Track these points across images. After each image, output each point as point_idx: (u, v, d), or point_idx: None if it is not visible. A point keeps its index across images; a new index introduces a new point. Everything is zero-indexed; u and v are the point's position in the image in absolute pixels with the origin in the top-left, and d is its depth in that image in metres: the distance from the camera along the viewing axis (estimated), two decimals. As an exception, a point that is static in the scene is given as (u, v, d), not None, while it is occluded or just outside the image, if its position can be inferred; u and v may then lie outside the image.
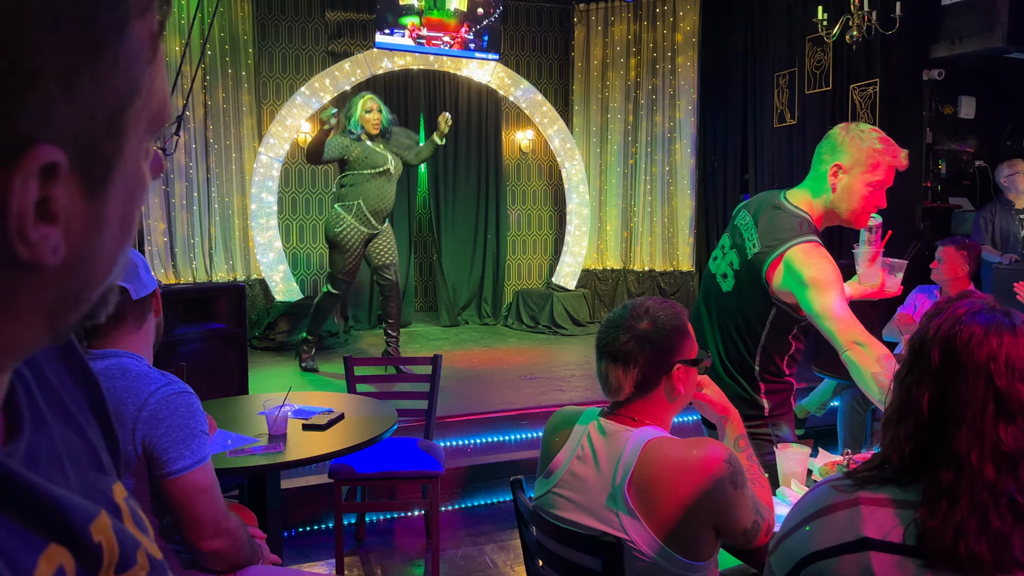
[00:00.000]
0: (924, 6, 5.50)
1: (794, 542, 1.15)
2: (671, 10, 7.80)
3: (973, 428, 1.04)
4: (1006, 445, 1.02)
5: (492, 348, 6.74)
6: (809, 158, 2.40)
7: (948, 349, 1.08)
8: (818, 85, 6.39)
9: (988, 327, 1.07)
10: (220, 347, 4.22)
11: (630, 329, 1.56)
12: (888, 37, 5.30)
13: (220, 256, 6.84)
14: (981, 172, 6.21)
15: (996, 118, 6.23)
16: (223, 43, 6.76)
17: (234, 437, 2.46)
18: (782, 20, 6.81)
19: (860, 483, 1.12)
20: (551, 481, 1.64)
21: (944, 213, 6.14)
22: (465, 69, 7.66)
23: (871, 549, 1.05)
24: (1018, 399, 1.03)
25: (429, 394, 3.45)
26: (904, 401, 1.11)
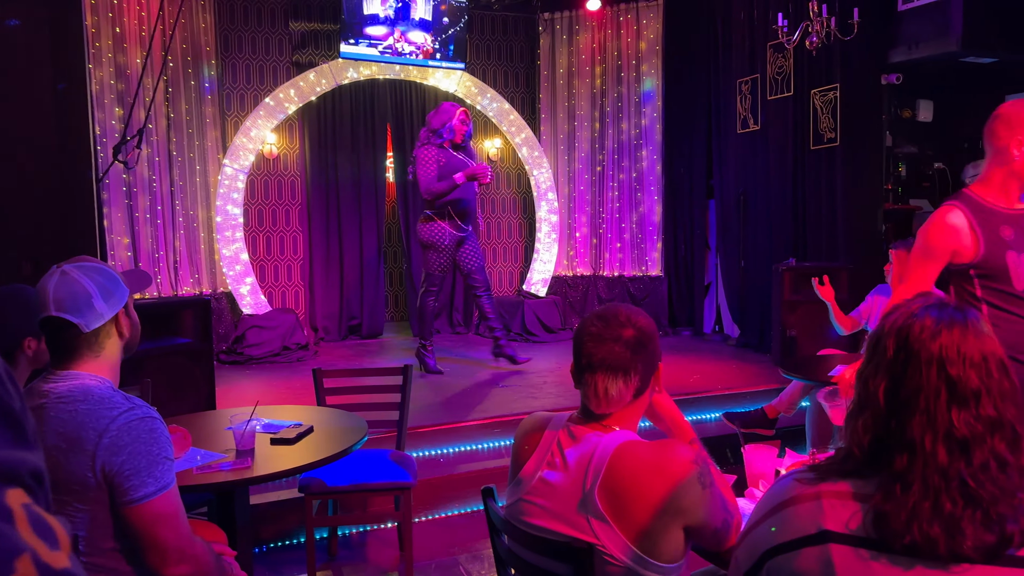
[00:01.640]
0: (881, 12, 5.61)
1: (758, 535, 1.16)
2: (635, 19, 7.87)
3: (926, 414, 1.06)
4: (958, 431, 1.05)
5: (463, 357, 6.72)
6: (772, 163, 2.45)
7: (902, 340, 1.11)
8: (780, 91, 6.49)
9: (940, 319, 1.10)
10: (186, 362, 4.16)
11: (620, 339, 1.56)
12: (847, 43, 5.40)
13: (186, 270, 6.75)
14: (940, 174, 6.34)
15: (953, 120, 6.37)
16: (185, 54, 6.69)
17: (202, 453, 2.42)
18: (744, 27, 6.90)
19: (822, 475, 1.14)
20: (522, 488, 1.63)
21: (905, 215, 6.26)
22: (431, 78, 7.66)
23: (831, 541, 1.07)
24: (970, 386, 1.06)
25: (400, 404, 3.43)
26: (862, 393, 1.14)
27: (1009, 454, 1.05)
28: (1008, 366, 1.09)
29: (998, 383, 1.07)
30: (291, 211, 7.60)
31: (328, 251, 7.58)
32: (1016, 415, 1.07)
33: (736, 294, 7.13)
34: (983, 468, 1.04)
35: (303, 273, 7.63)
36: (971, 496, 1.03)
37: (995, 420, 1.05)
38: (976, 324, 1.10)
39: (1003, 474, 1.04)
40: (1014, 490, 1.04)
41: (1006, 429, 1.06)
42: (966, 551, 1.01)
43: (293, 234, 7.61)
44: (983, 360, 1.07)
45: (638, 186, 7.96)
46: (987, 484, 1.03)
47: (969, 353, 1.07)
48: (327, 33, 7.48)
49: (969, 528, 1.01)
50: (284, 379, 5.85)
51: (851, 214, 5.94)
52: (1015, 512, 1.02)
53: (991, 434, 1.05)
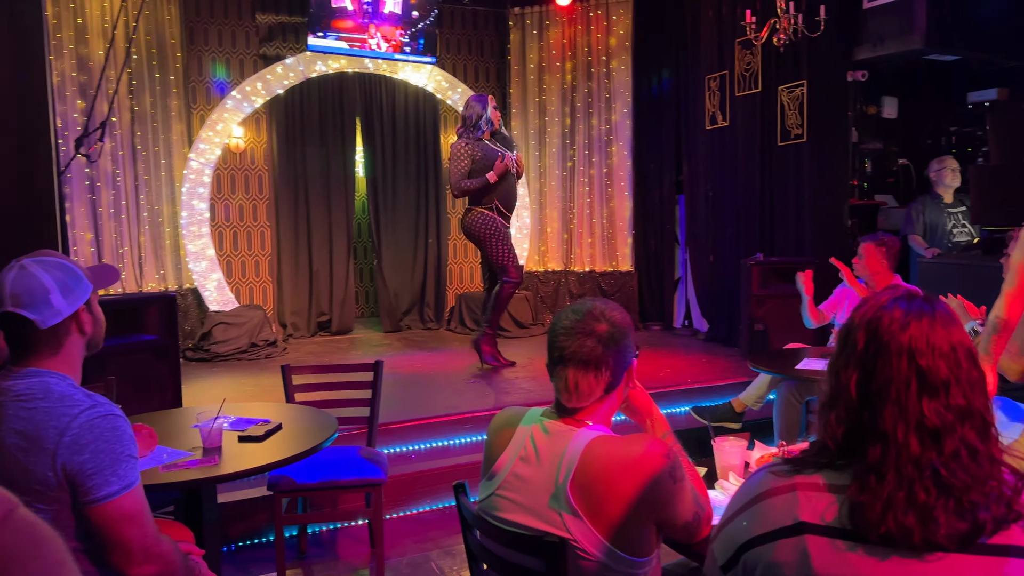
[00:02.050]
0: (847, 9, 5.68)
1: (734, 529, 1.17)
2: (604, 15, 7.89)
3: (898, 404, 1.08)
4: (929, 420, 1.06)
5: (435, 352, 6.70)
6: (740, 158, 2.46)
7: (872, 332, 1.12)
8: (748, 87, 6.54)
9: (909, 311, 1.12)
10: (151, 359, 4.10)
11: (591, 333, 1.56)
12: (814, 40, 5.46)
13: (150, 265, 6.64)
14: (904, 170, 6.44)
15: (917, 117, 6.47)
16: (149, 47, 6.57)
17: (168, 451, 2.39)
18: (712, 24, 6.95)
19: (797, 468, 1.15)
20: (494, 483, 1.63)
21: (870, 210, 6.35)
22: (401, 72, 7.61)
23: (807, 533, 1.08)
24: (940, 376, 1.08)
25: (371, 401, 3.41)
26: (834, 385, 1.15)
27: (979, 442, 1.07)
28: (976, 357, 1.11)
29: (967, 372, 1.09)
30: (258, 206, 7.50)
31: (297, 246, 7.51)
32: (984, 404, 1.09)
33: (705, 289, 7.18)
34: (955, 457, 1.05)
35: (271, 269, 7.54)
36: (944, 485, 1.04)
37: (965, 409, 1.07)
38: (944, 315, 1.12)
39: (974, 462, 1.06)
40: (985, 478, 1.05)
41: (976, 418, 1.08)
42: (940, 540, 1.03)
43: (261, 229, 7.52)
44: (952, 350, 1.09)
45: (608, 181, 7.99)
46: (959, 472, 1.04)
47: (938, 343, 1.09)
48: (295, 26, 7.39)
49: (943, 517, 1.03)
50: (252, 376, 5.79)
51: (818, 209, 6.01)
52: (987, 500, 1.04)
53: (961, 423, 1.07)
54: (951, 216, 5.59)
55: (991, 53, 5.53)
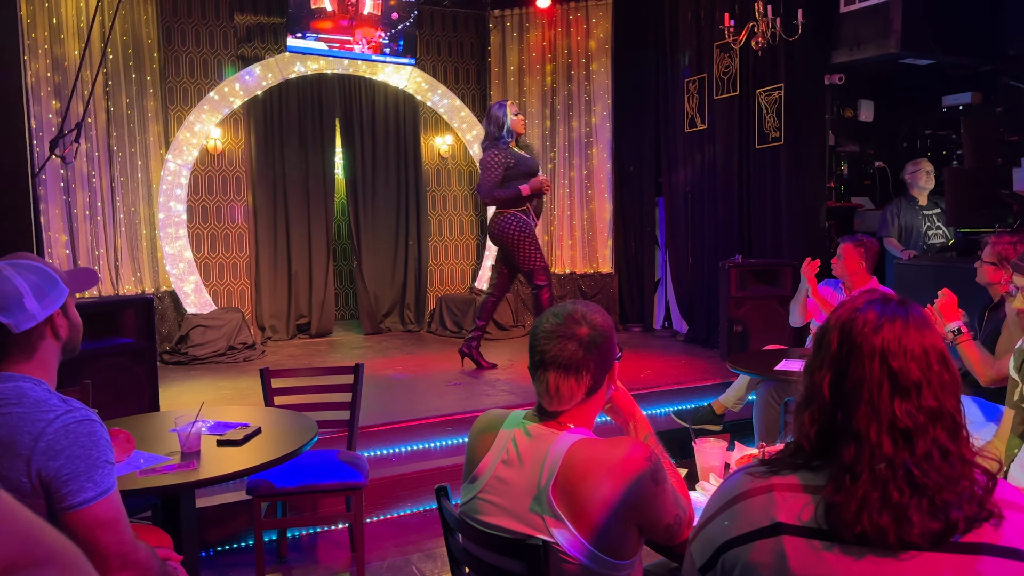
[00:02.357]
0: (824, 13, 5.74)
1: (712, 530, 1.18)
2: (584, 17, 7.91)
3: (870, 405, 1.10)
4: (901, 421, 1.08)
5: (416, 355, 6.68)
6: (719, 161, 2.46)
7: (845, 334, 1.14)
8: (726, 90, 6.59)
9: (882, 314, 1.14)
10: (128, 363, 4.05)
11: (573, 337, 1.56)
12: (791, 43, 5.51)
13: (127, 268, 6.56)
14: (880, 172, 6.51)
15: (893, 120, 6.55)
16: (126, 47, 6.50)
17: (145, 456, 2.36)
18: (691, 27, 6.99)
19: (774, 469, 1.16)
20: (476, 486, 1.63)
21: (847, 212, 6.42)
22: (381, 73, 7.59)
23: (784, 533, 1.09)
24: (911, 378, 1.10)
25: (351, 404, 3.39)
26: (808, 386, 1.17)
27: (951, 443, 1.09)
28: (948, 359, 1.12)
29: (938, 375, 1.10)
30: (236, 207, 7.45)
31: (275, 248, 7.46)
32: (956, 406, 1.11)
33: (685, 290, 7.22)
34: (927, 457, 1.07)
35: (249, 271, 7.49)
36: (917, 485, 1.06)
37: (936, 410, 1.09)
38: (917, 318, 1.14)
39: (946, 463, 1.07)
40: (957, 478, 1.07)
41: (947, 419, 1.09)
42: (914, 538, 1.04)
43: (239, 231, 7.47)
44: (924, 353, 1.11)
45: (589, 184, 8.01)
46: (931, 472, 1.06)
47: (910, 346, 1.10)
48: (273, 27, 7.35)
49: (916, 516, 1.04)
50: (230, 379, 5.74)
51: (795, 211, 6.06)
52: (959, 499, 1.05)
53: (933, 424, 1.08)
54: (926, 218, 5.65)
55: (965, 58, 5.61)
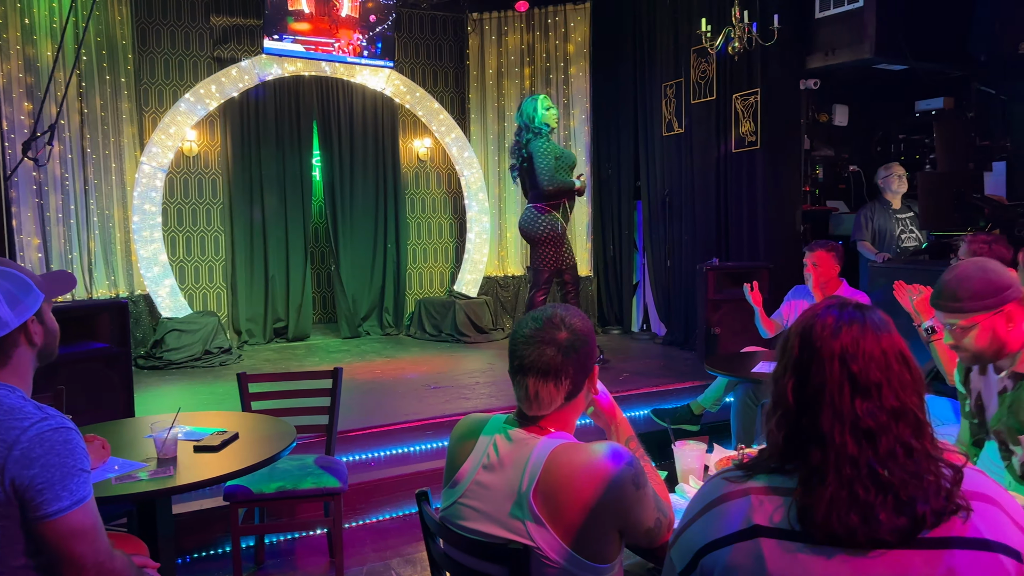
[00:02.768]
0: (800, 19, 5.80)
1: (691, 534, 1.20)
2: (562, 21, 7.94)
3: (833, 407, 1.12)
4: (863, 421, 1.11)
5: (395, 358, 6.65)
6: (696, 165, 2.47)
7: (806, 338, 1.18)
8: (703, 95, 6.63)
9: (841, 318, 1.17)
10: (102, 368, 4.00)
11: (552, 342, 1.56)
12: (767, 49, 5.56)
13: (101, 272, 6.48)
14: (855, 176, 6.59)
15: (867, 125, 6.64)
16: (99, 48, 6.42)
17: (120, 463, 2.33)
18: (668, 32, 7.04)
19: (750, 473, 1.18)
20: (457, 491, 1.62)
21: (822, 215, 6.49)
22: (359, 76, 7.56)
23: (761, 536, 1.11)
24: (871, 379, 1.13)
25: (330, 408, 3.37)
26: (774, 393, 1.20)
27: (915, 440, 1.11)
28: (909, 359, 1.16)
29: (898, 375, 1.14)
30: (212, 210, 7.38)
31: (252, 251, 7.40)
32: (918, 404, 1.14)
33: (663, 293, 7.26)
34: (891, 455, 1.10)
35: (225, 274, 7.42)
36: (882, 483, 1.08)
37: (898, 409, 1.12)
38: (874, 321, 1.17)
39: (911, 459, 1.10)
40: (923, 473, 1.10)
41: (909, 416, 1.12)
42: (883, 536, 1.07)
43: (215, 234, 7.40)
44: (882, 354, 1.14)
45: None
46: (896, 470, 1.09)
47: (868, 348, 1.14)
48: (250, 28, 7.30)
49: (883, 514, 1.07)
50: (206, 384, 5.68)
51: (771, 215, 6.11)
52: (925, 493, 1.08)
53: (896, 423, 1.11)
54: (899, 222, 5.73)
55: (937, 63, 5.69)
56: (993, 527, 1.08)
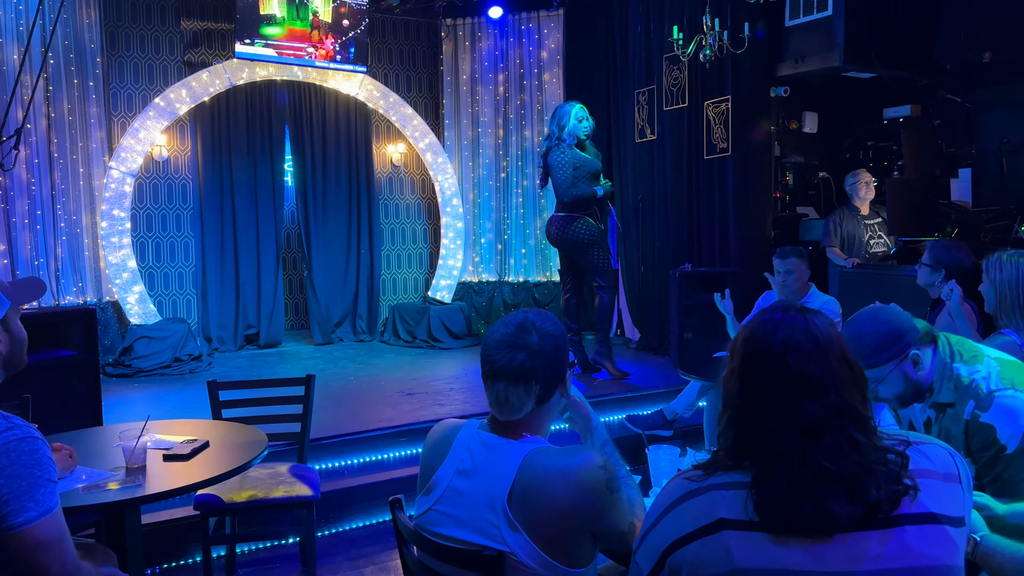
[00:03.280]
0: (770, 27, 5.87)
1: (656, 535, 1.22)
2: (536, 28, 7.97)
3: (777, 407, 1.17)
4: (807, 419, 1.15)
5: (368, 365, 6.61)
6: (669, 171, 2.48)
7: (750, 341, 1.23)
8: (675, 102, 6.69)
9: (783, 321, 1.22)
10: (69, 376, 3.93)
11: (524, 347, 1.56)
12: (738, 56, 5.62)
13: (68, 278, 6.37)
14: (824, 182, 6.68)
15: (836, 132, 6.72)
16: (67, 51, 6.33)
17: (88, 472, 2.29)
18: (641, 39, 7.08)
19: (708, 471, 1.23)
20: (432, 498, 1.61)
21: (792, 221, 6.56)
22: (332, 81, 7.52)
23: (726, 528, 1.15)
24: (813, 378, 1.17)
25: (302, 416, 3.34)
26: (724, 394, 1.25)
27: (859, 434, 1.16)
28: (851, 360, 1.21)
29: (839, 374, 1.18)
30: (182, 216, 7.30)
31: (223, 257, 7.32)
32: (860, 400, 1.19)
33: (636, 299, 7.29)
34: (836, 450, 1.14)
35: (195, 280, 7.33)
36: (829, 476, 1.13)
37: (840, 406, 1.16)
38: (816, 324, 1.22)
39: (857, 453, 1.15)
40: (872, 464, 1.14)
41: (852, 412, 1.17)
42: (840, 522, 1.11)
43: (185, 240, 7.31)
44: (823, 354, 1.18)
45: (542, 192, 8.05)
46: (842, 463, 1.13)
47: (808, 349, 1.18)
48: (221, 32, 7.24)
49: (836, 504, 1.11)
50: (176, 392, 5.61)
51: (743, 221, 6.17)
52: (877, 483, 1.13)
53: (839, 419, 1.16)
54: (868, 228, 5.80)
55: (905, 71, 5.79)
56: (938, 500, 1.15)
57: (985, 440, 1.85)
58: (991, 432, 1.84)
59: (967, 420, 1.89)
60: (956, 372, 1.94)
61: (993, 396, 1.87)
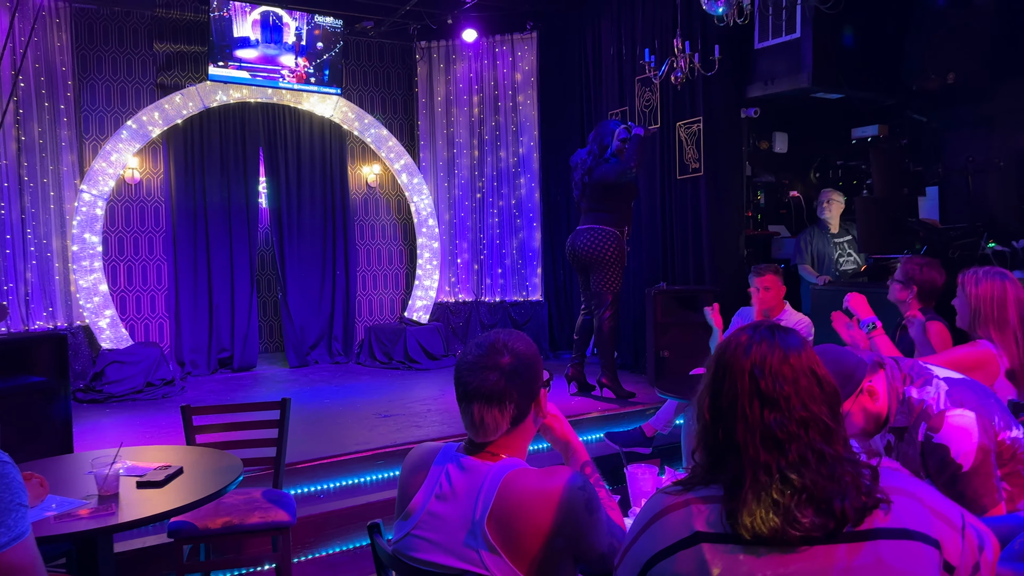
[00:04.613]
0: (740, 49, 5.97)
1: (637, 550, 1.25)
2: (510, 50, 8.04)
3: (744, 420, 1.20)
4: (772, 431, 1.18)
5: (344, 387, 6.56)
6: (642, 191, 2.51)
7: (720, 357, 1.26)
8: (648, 123, 6.76)
9: (752, 338, 1.25)
10: (40, 402, 3.86)
11: (496, 367, 1.56)
12: (709, 78, 5.71)
13: (38, 303, 6.28)
14: (795, 201, 6.78)
15: (806, 151, 6.84)
16: (38, 74, 6.28)
17: (59, 500, 2.25)
18: (613, 62, 7.17)
19: (686, 486, 1.25)
20: (410, 522, 1.60)
21: (764, 240, 6.65)
22: (306, 103, 7.52)
23: (702, 541, 1.17)
24: (780, 393, 1.20)
25: (277, 440, 3.30)
26: (696, 409, 1.28)
27: (825, 446, 1.19)
28: (819, 375, 1.23)
29: (807, 389, 1.21)
30: (155, 239, 7.23)
31: (196, 280, 7.25)
32: (828, 412, 1.21)
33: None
34: (802, 461, 1.17)
35: (168, 304, 7.25)
36: (795, 487, 1.15)
37: (807, 419, 1.19)
38: (784, 340, 1.25)
39: (823, 464, 1.17)
40: (838, 475, 1.17)
41: (819, 425, 1.20)
42: (808, 534, 1.13)
43: (157, 263, 7.24)
44: (790, 369, 1.22)
45: (517, 213, 8.08)
46: (808, 474, 1.16)
47: (775, 364, 1.22)
48: (194, 55, 7.22)
49: (801, 515, 1.14)
50: (149, 417, 5.52)
51: (715, 239, 6.24)
52: (843, 493, 1.15)
53: (806, 431, 1.19)
54: (837, 246, 5.90)
55: (872, 92, 5.91)
56: (913, 518, 1.17)
57: (941, 461, 1.87)
58: (945, 452, 1.86)
59: (921, 442, 1.91)
60: (907, 395, 1.96)
61: (944, 416, 1.89)
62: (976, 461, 1.83)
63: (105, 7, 6.86)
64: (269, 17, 7.07)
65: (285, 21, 7.14)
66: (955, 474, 1.85)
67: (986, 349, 2.68)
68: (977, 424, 1.86)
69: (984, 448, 1.84)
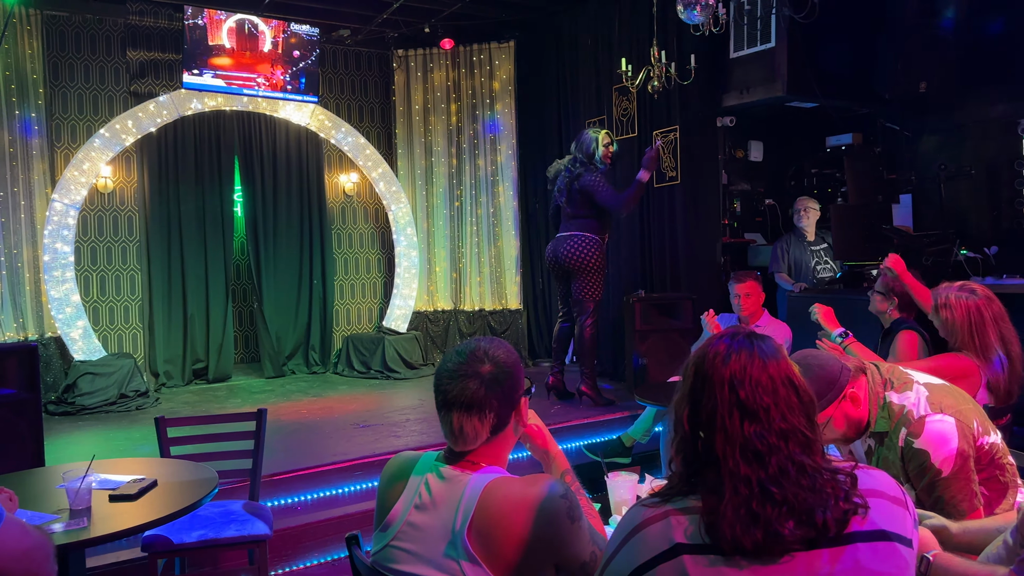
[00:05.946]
0: (716, 58, 6.02)
1: (617, 564, 1.23)
2: (487, 59, 8.05)
3: (724, 431, 1.19)
4: (753, 443, 1.17)
5: (322, 397, 6.51)
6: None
7: (699, 367, 1.25)
8: (625, 131, 6.80)
9: (731, 347, 1.24)
10: (9, 415, 3.79)
11: (475, 375, 1.54)
12: (685, 87, 5.74)
13: (8, 314, 6.17)
14: (771, 209, 6.83)
15: (781, 160, 6.90)
16: (8, 82, 6.19)
17: (29, 515, 2.20)
18: (590, 71, 7.20)
19: (665, 497, 1.24)
20: (389, 534, 1.58)
21: (741, 247, 6.69)
22: (282, 111, 7.48)
23: (683, 553, 1.16)
24: (759, 403, 1.19)
25: (253, 451, 3.26)
26: (674, 419, 1.27)
27: (806, 457, 1.18)
28: (797, 385, 1.23)
29: (785, 399, 1.21)
30: (128, 248, 7.14)
31: (170, 290, 7.16)
32: (807, 424, 1.21)
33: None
34: (782, 473, 1.16)
35: (142, 314, 7.15)
36: (775, 499, 1.14)
37: (786, 430, 1.19)
38: (763, 349, 1.24)
39: (804, 475, 1.17)
40: (819, 486, 1.16)
41: (798, 436, 1.19)
42: (789, 544, 1.13)
43: (131, 273, 7.15)
44: (769, 380, 1.21)
45: (496, 221, 8.08)
46: (788, 486, 1.15)
47: (755, 374, 1.21)
48: (168, 63, 7.15)
49: (782, 526, 1.13)
50: (122, 430, 5.44)
51: (693, 247, 6.28)
52: (824, 503, 1.15)
53: (785, 443, 1.18)
54: (814, 253, 5.95)
55: (846, 101, 5.98)
56: (888, 519, 1.18)
57: (920, 466, 1.89)
58: (925, 457, 1.88)
59: (902, 447, 1.93)
60: (888, 400, 1.99)
61: (924, 421, 1.91)
62: (955, 466, 1.85)
63: (77, 14, 6.79)
64: (244, 25, 7.02)
65: (261, 29, 7.10)
66: (935, 479, 1.86)
67: (970, 361, 2.71)
68: (956, 430, 1.88)
69: (963, 454, 1.86)
